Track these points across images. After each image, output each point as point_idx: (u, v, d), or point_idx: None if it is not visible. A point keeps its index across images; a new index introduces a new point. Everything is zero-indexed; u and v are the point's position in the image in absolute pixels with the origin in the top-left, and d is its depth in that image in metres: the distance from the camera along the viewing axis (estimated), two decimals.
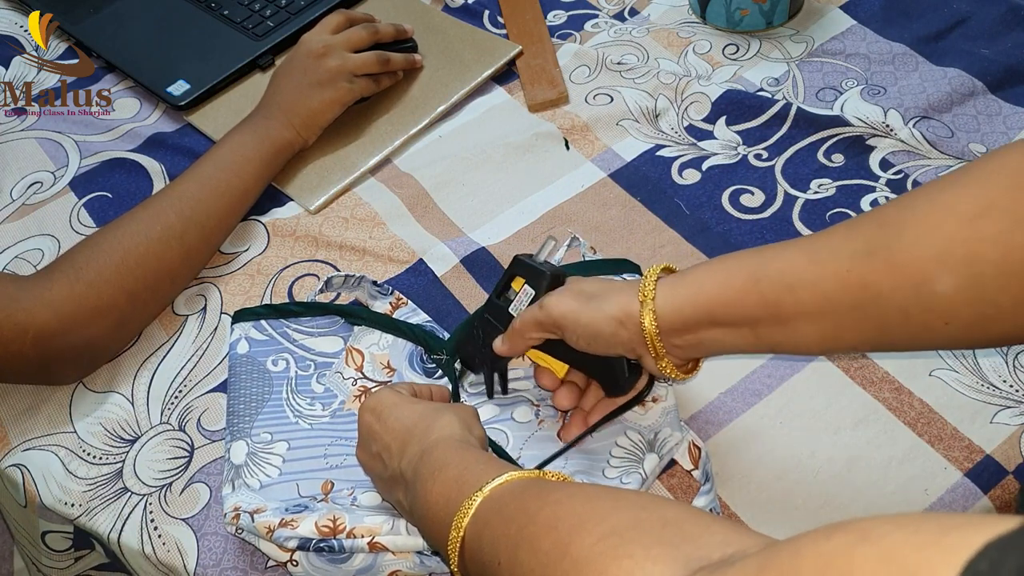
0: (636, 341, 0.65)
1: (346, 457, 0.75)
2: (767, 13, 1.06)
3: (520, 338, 0.71)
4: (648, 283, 0.65)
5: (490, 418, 0.77)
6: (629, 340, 0.66)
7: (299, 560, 0.69)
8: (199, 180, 0.88)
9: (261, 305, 0.86)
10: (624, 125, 1.00)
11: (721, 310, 0.62)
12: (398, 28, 1.05)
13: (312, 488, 0.74)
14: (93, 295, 0.79)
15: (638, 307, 0.65)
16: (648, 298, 0.64)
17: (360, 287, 0.87)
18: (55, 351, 0.78)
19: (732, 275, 0.62)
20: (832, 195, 0.91)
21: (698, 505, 0.70)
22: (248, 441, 0.76)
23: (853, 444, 0.74)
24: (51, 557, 0.81)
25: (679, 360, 0.67)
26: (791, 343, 0.62)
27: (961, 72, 0.99)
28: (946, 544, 0.29)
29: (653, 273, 0.66)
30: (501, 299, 0.74)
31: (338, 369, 0.81)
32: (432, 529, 0.60)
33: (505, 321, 0.73)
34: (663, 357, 0.65)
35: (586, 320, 0.66)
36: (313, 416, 0.78)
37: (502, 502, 0.55)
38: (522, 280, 0.73)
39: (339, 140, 1.00)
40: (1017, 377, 0.77)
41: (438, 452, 0.62)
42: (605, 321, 0.66)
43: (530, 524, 0.50)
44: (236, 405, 0.78)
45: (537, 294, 0.72)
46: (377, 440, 0.67)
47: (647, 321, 0.64)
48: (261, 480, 0.74)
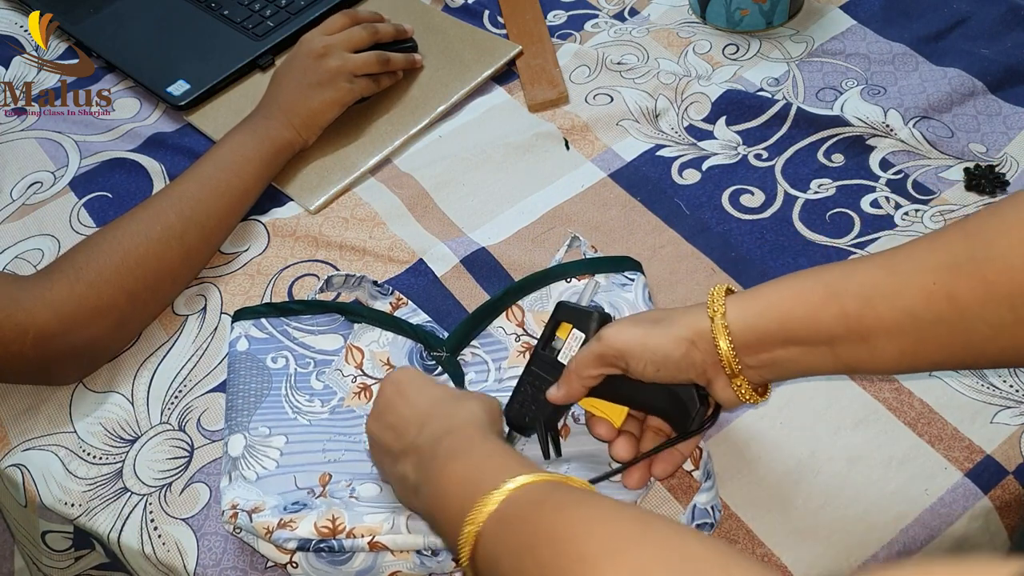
0: (709, 362, 0.63)
1: (344, 452, 0.75)
2: (767, 13, 1.06)
3: (578, 379, 0.67)
4: (717, 299, 0.63)
5: None
6: (702, 362, 0.63)
7: (299, 561, 0.69)
8: (199, 180, 0.88)
9: (261, 304, 0.86)
10: (624, 125, 1.00)
11: (797, 326, 0.60)
12: (398, 28, 1.05)
13: (310, 480, 0.73)
14: (93, 295, 0.79)
15: (708, 324, 0.62)
16: (718, 314, 0.62)
17: (360, 287, 0.87)
18: (55, 351, 0.78)
19: (807, 290, 0.60)
20: (832, 195, 0.91)
21: (699, 503, 0.69)
22: (246, 434, 0.76)
23: (853, 444, 0.74)
24: (51, 557, 0.81)
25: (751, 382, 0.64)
26: (870, 360, 0.59)
27: (961, 72, 0.99)
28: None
29: (719, 291, 0.63)
30: (547, 349, 0.71)
31: (338, 366, 0.81)
32: (443, 514, 0.57)
33: (555, 371, 0.70)
34: (739, 375, 0.63)
35: (654, 344, 0.63)
36: (312, 412, 0.78)
37: (524, 509, 0.53)
38: (569, 325, 0.70)
39: (339, 140, 1.00)
40: (1017, 377, 0.77)
41: (462, 435, 0.60)
42: (675, 343, 0.63)
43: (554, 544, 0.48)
44: (235, 400, 0.78)
45: (587, 337, 0.68)
46: (394, 411, 0.65)
47: (721, 336, 0.61)
48: (258, 472, 0.73)
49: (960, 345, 0.56)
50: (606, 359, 0.65)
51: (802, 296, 0.60)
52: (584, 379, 0.67)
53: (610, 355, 0.65)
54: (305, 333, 0.83)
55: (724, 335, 0.61)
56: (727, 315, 0.62)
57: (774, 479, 0.73)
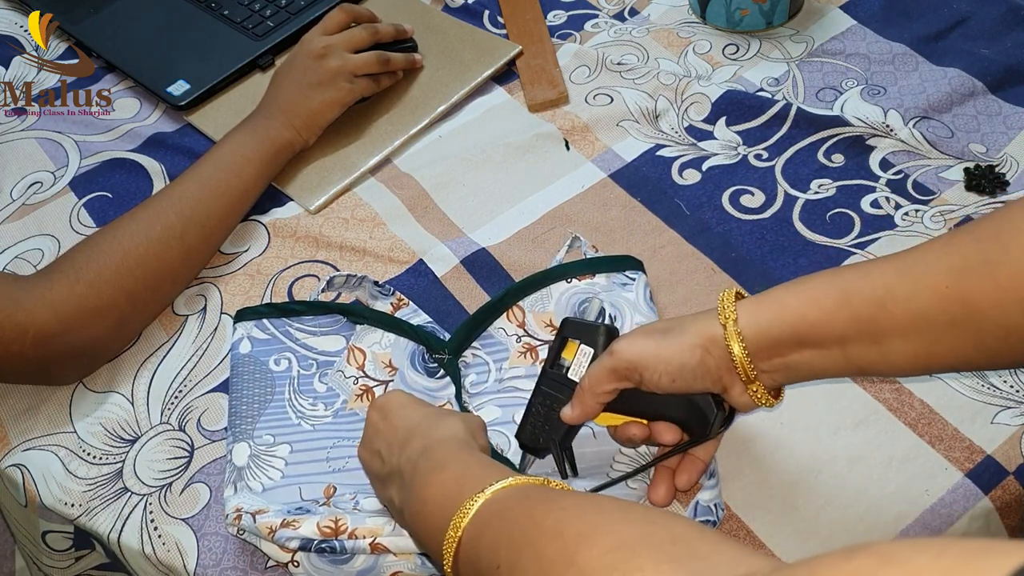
0: (724, 368, 0.63)
1: (348, 460, 0.75)
2: (767, 13, 1.06)
3: (592, 396, 0.67)
4: (728, 305, 0.63)
5: (493, 420, 0.77)
6: (716, 368, 0.63)
7: (300, 561, 0.69)
8: (199, 180, 0.88)
9: (263, 304, 0.86)
10: (624, 125, 1.00)
11: (809, 329, 0.60)
12: (398, 28, 1.05)
13: (315, 492, 0.74)
14: (93, 295, 0.79)
15: (720, 331, 0.62)
16: (730, 319, 0.62)
17: (361, 287, 0.87)
18: (55, 351, 0.78)
19: (819, 293, 0.60)
20: (832, 195, 0.91)
21: (702, 500, 0.69)
22: (251, 443, 0.76)
23: (853, 444, 0.74)
24: (52, 557, 0.81)
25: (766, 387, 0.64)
26: (883, 363, 0.60)
27: (961, 72, 0.99)
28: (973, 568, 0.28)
29: (729, 295, 0.63)
30: (555, 367, 0.70)
31: (340, 368, 0.81)
32: (425, 527, 0.58)
33: (566, 389, 0.69)
34: (754, 380, 0.63)
35: (668, 354, 0.63)
36: (315, 417, 0.78)
37: (505, 505, 0.53)
38: (576, 342, 0.69)
39: (339, 140, 1.00)
40: (1018, 377, 0.77)
41: (440, 451, 0.60)
42: (688, 351, 0.63)
43: (534, 529, 0.48)
44: (238, 406, 0.78)
45: (596, 352, 0.68)
46: (379, 437, 0.66)
47: (734, 341, 0.61)
48: (264, 483, 0.74)
49: (972, 347, 0.57)
50: (620, 373, 0.65)
51: (814, 299, 0.60)
52: (599, 396, 0.66)
53: (623, 369, 0.64)
54: (307, 334, 0.83)
55: (737, 340, 0.61)
56: (739, 321, 0.62)
57: (774, 480, 0.73)
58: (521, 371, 0.79)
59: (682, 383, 0.63)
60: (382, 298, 0.85)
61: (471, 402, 0.78)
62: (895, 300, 0.57)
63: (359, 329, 0.83)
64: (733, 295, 0.64)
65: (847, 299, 0.59)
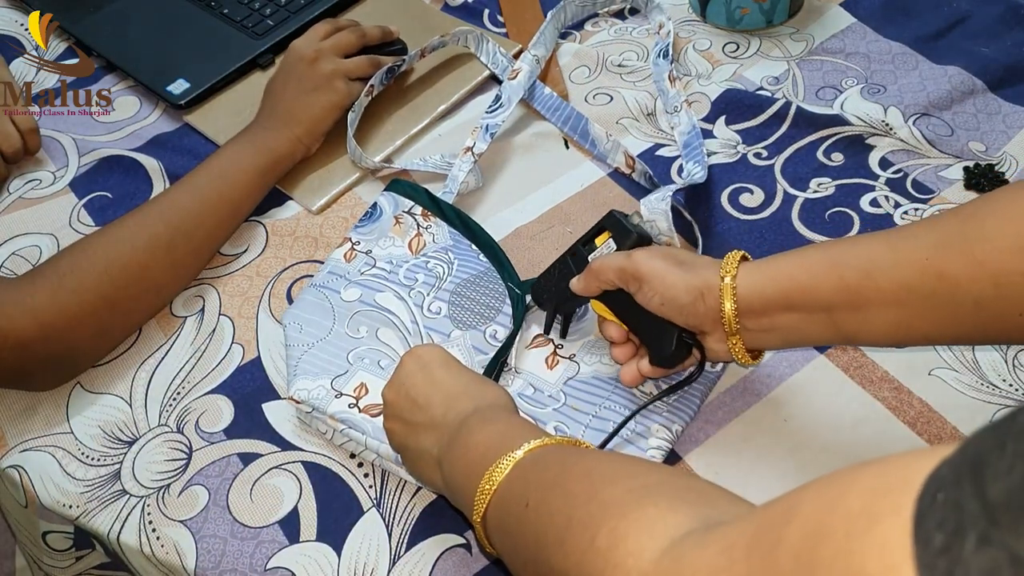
0: (711, 316, 0.67)
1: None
2: (767, 12, 1.06)
3: (595, 279, 0.73)
4: (731, 262, 0.67)
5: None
6: (704, 314, 0.68)
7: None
8: (191, 190, 0.87)
9: (421, 188, 0.90)
10: (624, 124, 0.99)
11: (799, 294, 0.64)
12: (384, 30, 1.05)
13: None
14: (75, 302, 0.78)
15: (719, 283, 0.67)
16: (729, 274, 0.66)
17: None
18: (34, 358, 0.78)
19: (812, 261, 0.65)
20: (832, 194, 0.91)
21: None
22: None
23: (853, 444, 0.74)
24: (52, 556, 0.81)
25: (748, 345, 0.69)
26: (865, 332, 0.64)
27: (961, 70, 0.99)
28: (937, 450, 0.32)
29: (735, 256, 0.68)
30: (586, 247, 0.77)
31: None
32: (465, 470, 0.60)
33: (583, 268, 0.75)
34: (735, 334, 0.67)
35: (671, 282, 0.68)
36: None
37: (540, 455, 0.57)
38: (608, 234, 0.76)
39: (340, 141, 1.00)
40: (1017, 376, 0.77)
41: (489, 412, 0.64)
42: (687, 289, 0.68)
43: (564, 473, 0.53)
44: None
45: (619, 249, 0.74)
46: (416, 386, 0.68)
47: (727, 298, 0.66)
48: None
49: (948, 319, 0.60)
50: (624, 274, 0.70)
51: (806, 265, 0.65)
52: (600, 282, 0.73)
53: (628, 273, 0.70)
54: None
55: (730, 296, 0.66)
56: (737, 278, 0.66)
57: (774, 479, 0.73)
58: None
59: (669, 311, 0.69)
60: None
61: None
62: (880, 271, 0.61)
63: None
64: (739, 257, 0.68)
65: (836, 267, 0.63)
